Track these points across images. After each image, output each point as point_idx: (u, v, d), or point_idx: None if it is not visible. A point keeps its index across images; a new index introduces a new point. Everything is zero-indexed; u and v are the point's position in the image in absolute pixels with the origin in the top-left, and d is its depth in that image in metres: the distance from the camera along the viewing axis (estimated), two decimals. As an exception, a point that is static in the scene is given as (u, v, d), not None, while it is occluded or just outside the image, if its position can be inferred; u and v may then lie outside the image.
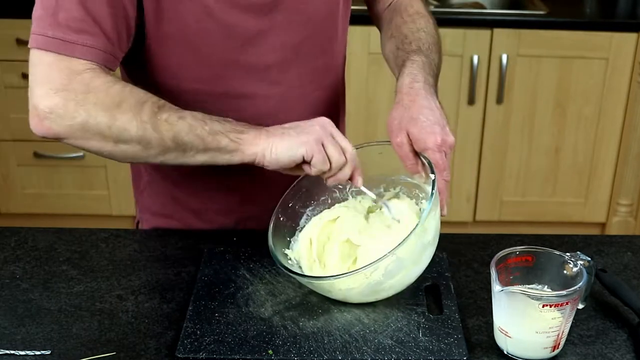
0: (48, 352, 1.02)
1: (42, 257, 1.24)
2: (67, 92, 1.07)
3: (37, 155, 2.80)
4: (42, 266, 1.22)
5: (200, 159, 1.11)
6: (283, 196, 1.19)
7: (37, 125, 1.08)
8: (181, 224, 1.35)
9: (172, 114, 1.09)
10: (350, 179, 1.13)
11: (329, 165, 1.09)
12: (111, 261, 1.23)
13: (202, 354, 1.01)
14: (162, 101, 1.10)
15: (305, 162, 1.09)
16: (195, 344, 1.03)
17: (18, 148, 2.80)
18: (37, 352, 1.02)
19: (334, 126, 1.11)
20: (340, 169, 1.11)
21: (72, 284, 1.17)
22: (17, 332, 1.06)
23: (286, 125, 1.11)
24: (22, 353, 1.02)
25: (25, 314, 1.10)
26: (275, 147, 1.08)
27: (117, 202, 2.91)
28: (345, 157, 1.10)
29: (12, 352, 1.02)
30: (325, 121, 1.11)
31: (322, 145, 1.09)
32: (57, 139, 1.10)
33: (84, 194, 2.91)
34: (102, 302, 1.13)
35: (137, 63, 1.21)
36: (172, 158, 1.11)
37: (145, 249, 1.27)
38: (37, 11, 1.10)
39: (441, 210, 1.10)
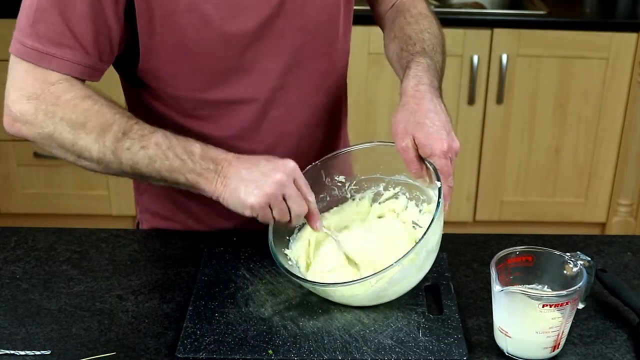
0: (48, 352, 1.02)
1: (42, 257, 1.24)
2: (38, 102, 1.09)
3: (37, 155, 2.80)
4: (42, 266, 1.22)
5: (162, 184, 1.12)
6: None
7: (9, 124, 1.13)
8: (182, 227, 1.35)
9: (135, 143, 1.08)
10: (310, 223, 1.12)
11: (274, 221, 1.09)
12: (111, 261, 1.23)
13: (202, 354, 1.01)
14: (130, 123, 1.09)
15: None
16: (195, 344, 1.02)
17: (18, 148, 2.81)
18: (37, 352, 1.02)
19: (299, 173, 1.09)
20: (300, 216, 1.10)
21: (72, 284, 1.17)
22: (17, 332, 1.06)
23: (249, 166, 1.08)
24: (22, 353, 1.02)
25: (25, 314, 1.10)
26: (225, 198, 1.08)
27: (117, 202, 2.91)
28: (306, 206, 1.09)
29: (12, 352, 1.02)
30: (289, 169, 1.08)
31: (284, 196, 1.07)
32: (26, 140, 1.14)
33: (84, 194, 2.91)
34: (102, 302, 1.13)
35: (134, 72, 1.21)
36: (133, 178, 1.14)
37: (145, 249, 1.27)
38: (20, 16, 1.11)
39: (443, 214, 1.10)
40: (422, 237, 1.02)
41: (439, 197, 1.05)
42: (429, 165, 1.10)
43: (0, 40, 1.80)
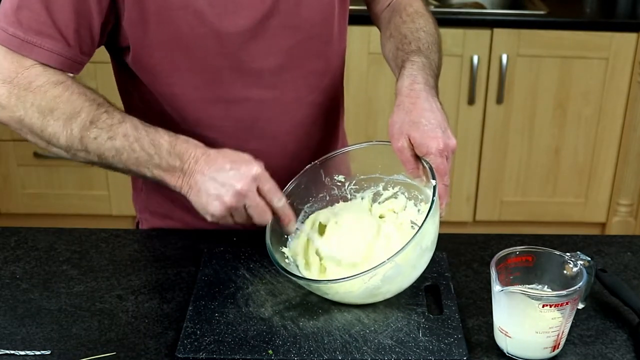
0: (48, 352, 1.02)
1: (42, 257, 1.24)
2: (12, 86, 1.10)
3: (37, 155, 2.80)
4: (42, 266, 1.22)
5: (129, 175, 1.14)
6: (282, 192, 1.18)
7: None
8: (180, 224, 1.35)
9: (103, 133, 1.08)
10: (282, 225, 1.12)
11: (234, 222, 1.09)
12: (111, 261, 1.23)
13: (202, 354, 1.01)
14: (99, 111, 1.09)
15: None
16: (195, 344, 1.02)
17: (18, 148, 2.81)
18: (37, 352, 1.02)
19: (264, 178, 1.08)
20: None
21: (72, 284, 1.17)
22: (17, 332, 1.06)
23: (213, 170, 1.06)
24: (22, 353, 1.02)
25: (25, 314, 1.10)
26: (190, 197, 1.09)
27: (117, 202, 2.91)
28: (269, 214, 1.09)
29: (12, 352, 1.02)
30: (252, 177, 1.06)
31: (245, 201, 1.06)
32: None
33: (84, 194, 2.91)
34: (102, 302, 1.13)
35: (129, 69, 1.21)
36: (101, 167, 1.13)
37: (145, 249, 1.27)
38: (3, 3, 1.11)
39: (440, 213, 1.10)
40: (416, 233, 1.02)
41: (434, 194, 1.05)
42: (425, 164, 1.10)
43: None
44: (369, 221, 1.18)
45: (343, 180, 1.24)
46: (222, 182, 1.06)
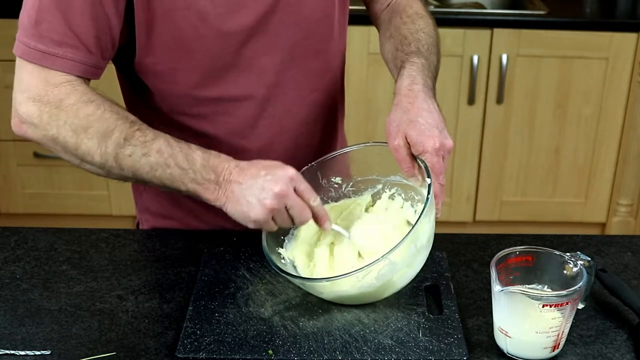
0: (48, 352, 1.02)
1: (42, 257, 1.24)
2: (42, 104, 1.10)
3: (37, 155, 2.80)
4: (42, 266, 1.22)
5: (163, 189, 1.13)
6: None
7: (17, 126, 1.14)
8: (181, 225, 1.35)
9: (137, 150, 1.09)
10: (318, 224, 1.12)
11: (277, 226, 1.09)
12: (111, 261, 1.23)
13: (202, 354, 1.01)
14: (133, 129, 1.10)
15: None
16: (195, 344, 1.02)
17: (18, 148, 2.81)
18: (37, 352, 1.02)
19: (299, 179, 1.08)
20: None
21: (72, 284, 1.17)
22: (17, 332, 1.06)
23: (250, 179, 1.07)
24: (22, 353, 1.02)
25: (25, 314, 1.10)
26: (229, 209, 1.08)
27: (117, 202, 2.91)
28: (309, 212, 1.09)
29: (12, 352, 1.02)
30: (288, 178, 1.07)
31: (286, 206, 1.06)
32: (26, 140, 1.14)
33: (84, 194, 2.91)
34: (102, 302, 1.13)
35: (132, 69, 1.21)
36: (137, 183, 1.14)
37: (145, 249, 1.27)
38: (22, 17, 1.12)
39: (436, 213, 1.10)
40: (410, 231, 1.02)
41: (429, 192, 1.05)
42: (420, 163, 1.10)
43: (1, 40, 1.81)
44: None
45: (340, 182, 1.24)
46: (261, 187, 1.06)
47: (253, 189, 1.06)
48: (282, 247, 1.17)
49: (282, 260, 1.14)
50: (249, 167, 1.08)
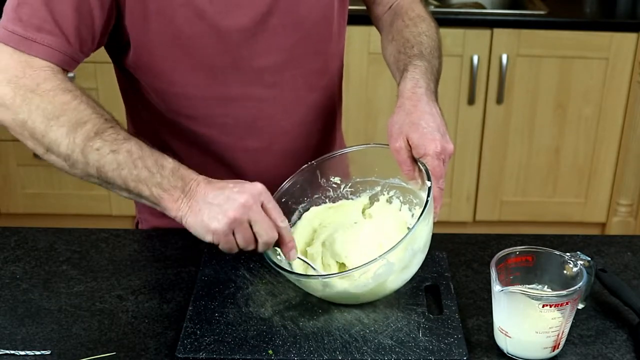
0: (48, 352, 1.02)
1: (42, 257, 1.24)
2: (17, 86, 1.07)
3: (37, 155, 2.79)
4: (42, 266, 1.22)
5: (124, 195, 1.08)
6: (277, 190, 1.18)
7: None
8: (181, 225, 1.35)
9: (106, 145, 1.05)
10: (283, 251, 1.08)
11: (238, 249, 1.04)
12: (111, 261, 1.23)
13: (202, 354, 1.01)
14: (106, 125, 1.06)
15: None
16: (195, 344, 1.03)
17: (18, 148, 2.81)
18: (37, 352, 1.02)
19: (268, 197, 1.04)
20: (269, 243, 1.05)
21: (72, 284, 1.17)
22: (17, 332, 1.06)
23: (216, 190, 1.03)
24: (22, 353, 1.02)
25: (25, 314, 1.10)
26: (188, 220, 1.04)
27: (117, 202, 2.91)
28: (275, 232, 1.04)
29: (12, 352, 1.02)
30: (256, 191, 1.03)
31: (249, 220, 1.02)
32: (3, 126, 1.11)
33: (84, 194, 2.91)
34: (102, 302, 1.13)
35: (129, 67, 1.21)
36: (97, 184, 1.10)
37: (145, 249, 1.27)
38: (7, 3, 1.10)
39: (434, 216, 1.10)
40: (409, 232, 1.02)
41: (428, 195, 1.05)
42: (421, 166, 1.10)
43: None
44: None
45: (339, 182, 1.24)
46: (227, 196, 1.02)
47: (218, 199, 1.02)
48: (278, 246, 1.16)
49: (279, 257, 1.14)
50: (218, 182, 1.05)
